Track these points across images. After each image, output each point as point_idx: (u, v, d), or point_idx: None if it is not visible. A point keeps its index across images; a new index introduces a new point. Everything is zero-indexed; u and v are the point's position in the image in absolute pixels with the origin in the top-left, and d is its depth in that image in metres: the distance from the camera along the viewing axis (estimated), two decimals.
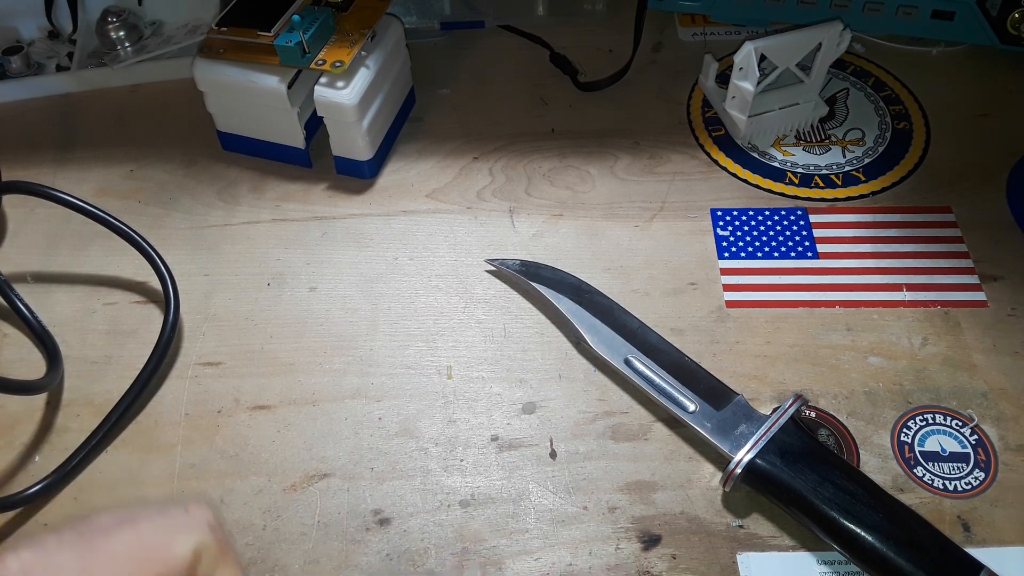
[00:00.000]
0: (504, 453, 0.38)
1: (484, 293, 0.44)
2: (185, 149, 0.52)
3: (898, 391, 0.39)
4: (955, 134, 0.50)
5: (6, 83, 0.55)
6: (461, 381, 0.41)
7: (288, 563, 0.35)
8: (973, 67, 0.54)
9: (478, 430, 0.39)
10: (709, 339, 0.41)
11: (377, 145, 0.49)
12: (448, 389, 0.40)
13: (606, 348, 0.39)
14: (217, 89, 0.47)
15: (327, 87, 0.45)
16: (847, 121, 0.51)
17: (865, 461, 0.37)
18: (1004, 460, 0.37)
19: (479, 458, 0.38)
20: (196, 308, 0.44)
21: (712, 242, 0.45)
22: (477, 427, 0.39)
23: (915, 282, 0.43)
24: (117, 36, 0.55)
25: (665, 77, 0.54)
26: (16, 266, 0.46)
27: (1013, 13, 0.50)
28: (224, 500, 0.37)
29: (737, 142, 0.50)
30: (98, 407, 0.40)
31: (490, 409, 0.40)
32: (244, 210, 0.48)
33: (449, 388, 0.40)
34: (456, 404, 0.40)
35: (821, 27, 0.46)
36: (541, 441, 0.38)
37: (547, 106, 0.53)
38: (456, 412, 0.40)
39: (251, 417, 0.40)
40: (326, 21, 0.45)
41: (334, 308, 0.44)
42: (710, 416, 0.37)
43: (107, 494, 0.38)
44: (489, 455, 0.38)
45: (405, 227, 0.47)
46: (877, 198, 0.47)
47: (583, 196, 0.48)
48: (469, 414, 0.39)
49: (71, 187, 0.48)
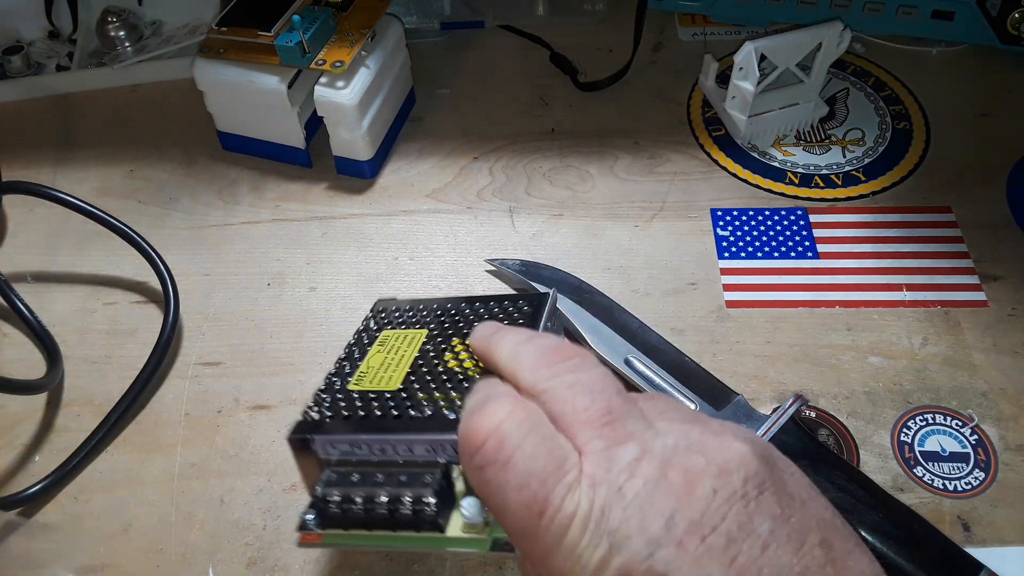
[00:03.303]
0: None
1: (484, 293, 0.44)
2: (185, 149, 0.52)
3: (898, 391, 0.39)
4: (955, 134, 0.50)
5: (6, 83, 0.55)
6: None
7: (288, 563, 0.35)
8: (973, 67, 0.54)
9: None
10: (709, 339, 0.41)
11: (377, 145, 0.49)
12: None
13: (606, 348, 0.39)
14: (217, 89, 0.47)
15: (327, 87, 0.45)
16: (847, 121, 0.51)
17: (865, 461, 0.37)
18: (1004, 460, 0.37)
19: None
20: (196, 308, 0.44)
21: (712, 242, 0.45)
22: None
23: (915, 282, 0.43)
24: (117, 36, 0.55)
25: (665, 77, 0.54)
26: (16, 266, 0.46)
27: (1013, 13, 0.50)
28: (224, 500, 0.37)
29: (737, 142, 0.50)
30: (98, 407, 0.40)
31: None
32: (244, 210, 0.48)
33: None
34: None
35: (821, 27, 0.46)
36: None
37: (547, 106, 0.53)
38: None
39: (251, 417, 0.40)
40: (326, 21, 0.45)
41: (334, 308, 0.44)
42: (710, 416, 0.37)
43: (107, 494, 0.38)
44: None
45: (405, 227, 0.47)
46: (877, 198, 0.47)
47: (583, 196, 0.48)
48: None
49: (71, 187, 0.48)
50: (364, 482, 0.27)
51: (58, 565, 0.35)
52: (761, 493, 0.22)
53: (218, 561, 0.35)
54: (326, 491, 0.28)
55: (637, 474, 0.22)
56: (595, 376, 0.25)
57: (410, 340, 0.32)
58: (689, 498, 0.22)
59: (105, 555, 0.36)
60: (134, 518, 0.37)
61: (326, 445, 0.28)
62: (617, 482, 0.22)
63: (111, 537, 0.36)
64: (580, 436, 0.23)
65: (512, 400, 0.24)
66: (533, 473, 0.22)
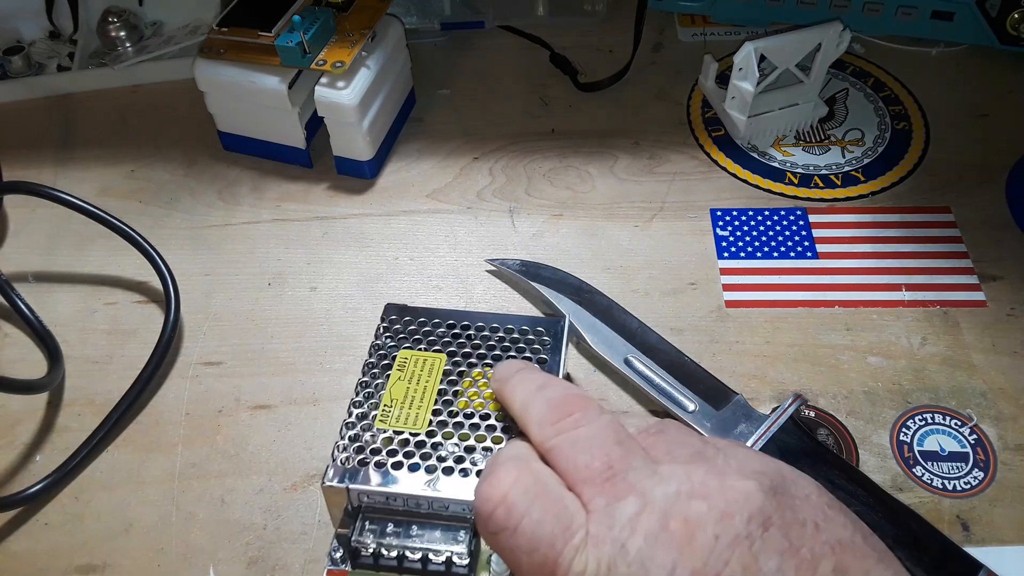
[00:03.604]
0: None
1: (484, 293, 0.44)
2: (186, 149, 0.52)
3: (897, 391, 0.39)
4: (955, 134, 0.50)
5: (7, 83, 0.55)
6: None
7: (289, 563, 0.35)
8: (973, 67, 0.54)
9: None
10: (709, 339, 0.41)
11: (377, 145, 0.49)
12: None
13: (606, 348, 0.39)
14: (218, 89, 0.47)
15: (327, 87, 0.45)
16: (846, 121, 0.51)
17: (864, 460, 0.37)
18: (1003, 460, 0.37)
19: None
20: (197, 308, 0.44)
21: (712, 242, 0.45)
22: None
23: (914, 282, 0.43)
24: (118, 36, 0.55)
25: (665, 77, 0.55)
26: (17, 266, 0.46)
27: (1013, 13, 0.50)
28: (224, 500, 0.37)
29: (737, 142, 0.50)
30: (99, 406, 0.40)
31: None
32: (245, 210, 0.48)
33: None
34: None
35: (821, 27, 0.46)
36: None
37: (547, 106, 0.53)
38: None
39: (252, 417, 0.40)
40: (326, 21, 0.45)
41: (335, 308, 0.44)
42: (710, 416, 0.37)
43: (108, 494, 0.38)
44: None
45: (405, 227, 0.47)
46: (876, 198, 0.47)
47: (583, 196, 0.48)
48: None
49: (72, 187, 0.48)
50: (399, 534, 0.30)
51: (58, 565, 0.35)
52: (766, 530, 0.22)
53: (219, 561, 0.35)
54: (360, 539, 0.30)
55: (638, 529, 0.23)
56: (595, 430, 0.25)
57: (430, 367, 0.34)
58: (691, 547, 0.22)
59: (105, 555, 0.36)
60: (135, 518, 0.37)
61: (361, 495, 0.30)
62: (620, 539, 0.23)
63: (112, 537, 0.36)
64: (584, 494, 0.24)
65: (518, 466, 0.25)
66: (541, 538, 0.23)
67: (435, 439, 0.31)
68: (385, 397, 0.33)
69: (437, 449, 0.31)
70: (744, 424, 0.36)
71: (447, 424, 0.32)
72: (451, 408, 0.32)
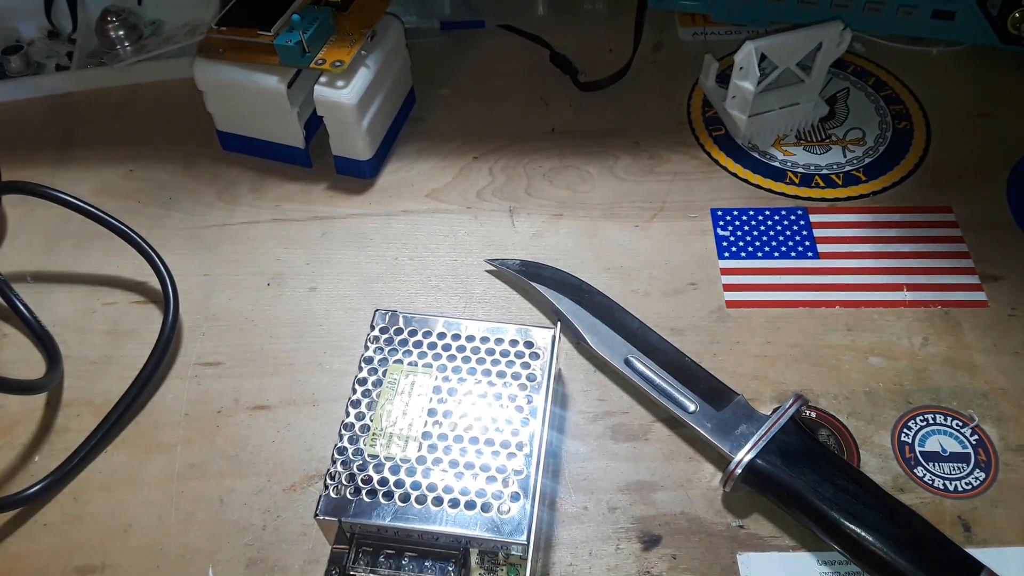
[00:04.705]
0: None
1: (484, 293, 0.44)
2: (185, 149, 0.52)
3: (898, 391, 0.39)
4: (955, 134, 0.50)
5: (6, 83, 0.55)
6: None
7: (288, 563, 0.35)
8: (973, 67, 0.54)
9: None
10: (709, 339, 0.41)
11: (377, 145, 0.49)
12: None
13: (606, 348, 0.39)
14: (217, 89, 0.47)
15: (327, 87, 0.45)
16: (847, 121, 0.51)
17: (865, 461, 0.37)
18: (1004, 460, 0.37)
19: None
20: (196, 308, 0.44)
21: (712, 242, 0.45)
22: None
23: (915, 282, 0.43)
24: (117, 36, 0.55)
25: (665, 77, 0.54)
26: (16, 266, 0.46)
27: (1013, 13, 0.49)
28: (224, 500, 0.37)
29: (737, 142, 0.50)
30: (98, 407, 0.40)
31: None
32: (244, 210, 0.48)
33: None
34: None
35: (821, 27, 0.46)
36: None
37: (547, 106, 0.53)
38: None
39: (251, 417, 0.40)
40: (326, 21, 0.45)
41: (334, 308, 0.44)
42: (710, 416, 0.37)
43: (107, 494, 0.38)
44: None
45: (405, 227, 0.47)
46: (877, 198, 0.47)
47: (583, 196, 0.48)
48: None
49: (71, 187, 0.48)
50: (391, 564, 0.31)
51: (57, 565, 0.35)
52: None
53: (218, 561, 0.35)
54: (354, 569, 0.31)
55: None
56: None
57: (419, 387, 0.34)
58: None
59: (104, 555, 0.36)
60: (134, 518, 0.37)
61: (354, 526, 0.31)
62: None
63: (111, 537, 0.36)
64: None
65: None
66: None
67: (425, 465, 0.32)
68: (375, 421, 0.33)
69: (428, 476, 0.32)
70: (745, 425, 0.36)
71: (437, 448, 0.32)
72: (441, 431, 0.33)
